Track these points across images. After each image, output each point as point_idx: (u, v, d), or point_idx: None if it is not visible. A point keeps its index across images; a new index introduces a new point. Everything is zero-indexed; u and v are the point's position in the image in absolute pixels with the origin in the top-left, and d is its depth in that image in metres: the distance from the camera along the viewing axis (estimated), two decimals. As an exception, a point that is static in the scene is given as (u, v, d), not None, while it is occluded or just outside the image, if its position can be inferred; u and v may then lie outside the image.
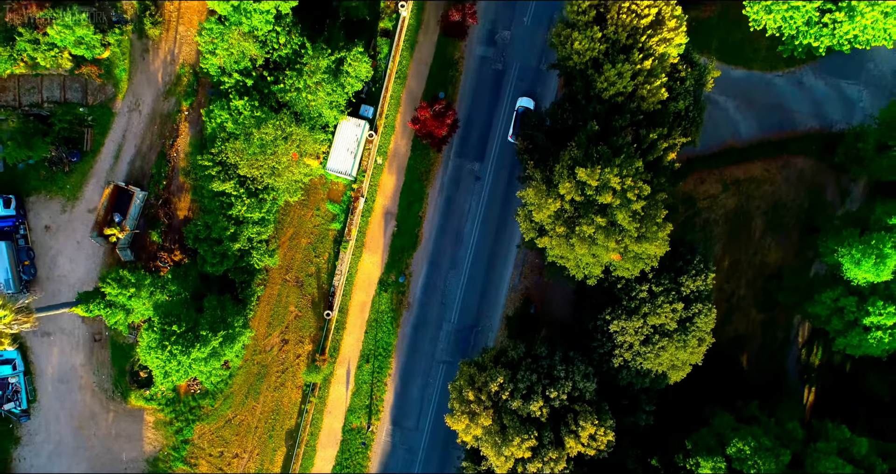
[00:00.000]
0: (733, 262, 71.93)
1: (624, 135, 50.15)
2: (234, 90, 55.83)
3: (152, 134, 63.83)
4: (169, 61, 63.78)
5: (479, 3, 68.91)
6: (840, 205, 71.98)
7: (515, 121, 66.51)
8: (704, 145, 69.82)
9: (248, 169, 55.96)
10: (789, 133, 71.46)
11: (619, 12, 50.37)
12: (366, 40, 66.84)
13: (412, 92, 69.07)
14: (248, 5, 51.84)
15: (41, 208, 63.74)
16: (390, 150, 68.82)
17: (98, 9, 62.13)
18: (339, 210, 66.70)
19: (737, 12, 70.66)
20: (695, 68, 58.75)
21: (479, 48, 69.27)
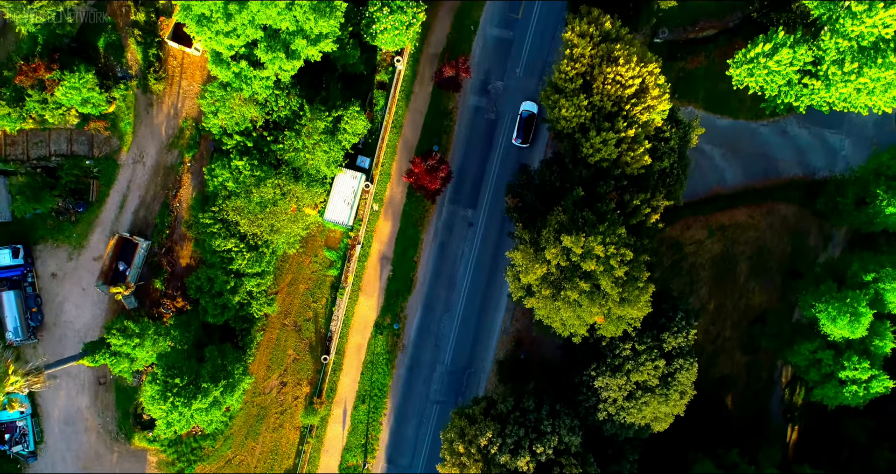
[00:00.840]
0: (718, 305, 74.19)
1: (608, 201, 52.30)
2: (235, 150, 57.98)
3: (156, 185, 66.02)
4: (172, 115, 65.97)
5: (472, 56, 71.18)
6: (823, 250, 74.30)
7: (519, 126, 68.78)
8: (691, 192, 72.14)
9: (249, 226, 58.18)
10: (773, 180, 73.74)
11: (604, 82, 52.53)
12: (363, 92, 69.25)
13: (408, 141, 71.27)
14: (249, 72, 53.99)
15: (48, 256, 65.92)
16: (386, 197, 71.02)
17: (104, 65, 64.38)
18: (336, 256, 68.92)
19: (722, 64, 72.36)
20: (679, 127, 60.95)
21: (472, 98, 71.46)
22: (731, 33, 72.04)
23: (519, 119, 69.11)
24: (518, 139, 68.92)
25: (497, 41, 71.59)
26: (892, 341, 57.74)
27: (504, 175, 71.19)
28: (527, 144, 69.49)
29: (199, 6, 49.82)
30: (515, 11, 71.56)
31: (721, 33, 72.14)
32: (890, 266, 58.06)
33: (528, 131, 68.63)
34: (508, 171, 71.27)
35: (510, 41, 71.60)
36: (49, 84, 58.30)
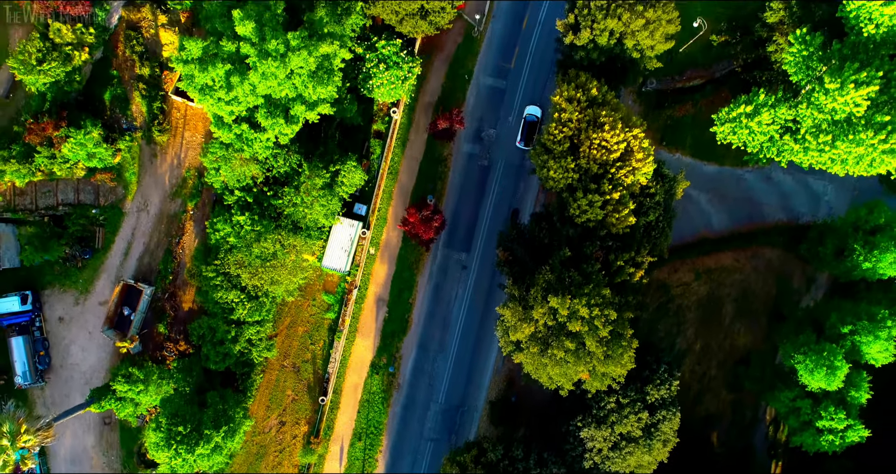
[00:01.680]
0: (705, 345, 76.40)
1: (594, 262, 54.54)
2: (237, 205, 60.26)
3: (159, 232, 68.30)
4: (175, 165, 68.25)
5: (466, 105, 73.46)
6: (806, 292, 76.50)
7: (523, 129, 71.00)
8: (679, 236, 74.45)
9: (250, 279, 60.49)
10: (758, 225, 75.94)
11: (590, 147, 54.76)
12: (359, 141, 71.54)
13: (403, 186, 73.54)
14: (250, 134, 56.26)
15: (55, 301, 68.22)
16: (382, 241, 73.31)
17: (110, 117, 66.68)
18: (333, 300, 71.22)
19: (709, 113, 74.42)
20: (665, 181, 63.17)
21: (466, 145, 73.72)
22: (717, 83, 74.22)
23: (523, 123, 71.26)
24: (521, 142, 71.26)
25: (490, 90, 73.86)
26: (868, 392, 59.96)
27: (497, 220, 73.54)
28: (530, 147, 71.42)
29: (201, 77, 52.08)
30: (508, 61, 73.83)
31: (708, 83, 74.29)
32: (867, 317, 60.21)
33: (531, 135, 70.85)
34: (501, 216, 73.61)
35: (503, 90, 73.88)
36: (57, 140, 60.56)
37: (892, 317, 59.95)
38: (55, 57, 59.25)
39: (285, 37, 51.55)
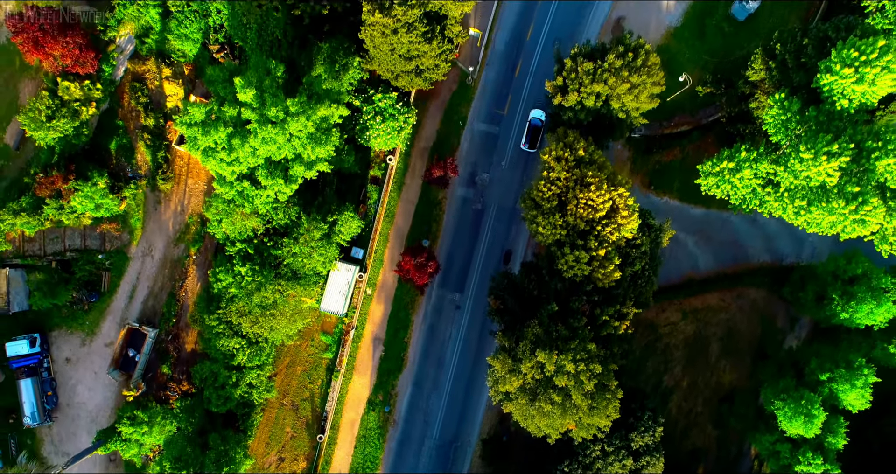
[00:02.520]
0: (691, 383, 78.75)
1: (580, 317, 56.88)
2: (238, 256, 62.63)
3: (163, 276, 70.68)
4: (179, 211, 70.61)
5: (460, 150, 75.80)
6: (790, 332, 78.81)
7: (528, 133, 73.30)
8: (666, 277, 76.89)
9: (251, 327, 62.88)
10: (744, 266, 78.28)
11: (577, 206, 57.06)
12: (357, 187, 73.88)
13: (399, 229, 75.89)
14: (251, 191, 58.61)
15: (63, 342, 70.63)
16: (379, 282, 75.67)
17: (116, 166, 69.07)
18: (331, 341, 73.60)
19: (696, 158, 77.52)
20: (651, 231, 65.47)
21: (460, 189, 76.05)
22: (704, 129, 76.51)
23: (528, 126, 73.56)
24: (526, 144, 73.63)
25: (484, 136, 76.19)
26: (845, 438, 62.24)
27: (490, 261, 75.90)
28: (534, 150, 73.92)
29: (204, 140, 54.43)
30: (501, 108, 76.15)
31: (695, 129, 76.55)
32: (844, 365, 62.49)
33: (535, 138, 73.34)
34: (494, 258, 75.98)
35: (496, 135, 76.21)
36: (65, 193, 62.89)
37: (868, 365, 62.23)
38: (64, 113, 61.60)
39: (285, 103, 53.88)
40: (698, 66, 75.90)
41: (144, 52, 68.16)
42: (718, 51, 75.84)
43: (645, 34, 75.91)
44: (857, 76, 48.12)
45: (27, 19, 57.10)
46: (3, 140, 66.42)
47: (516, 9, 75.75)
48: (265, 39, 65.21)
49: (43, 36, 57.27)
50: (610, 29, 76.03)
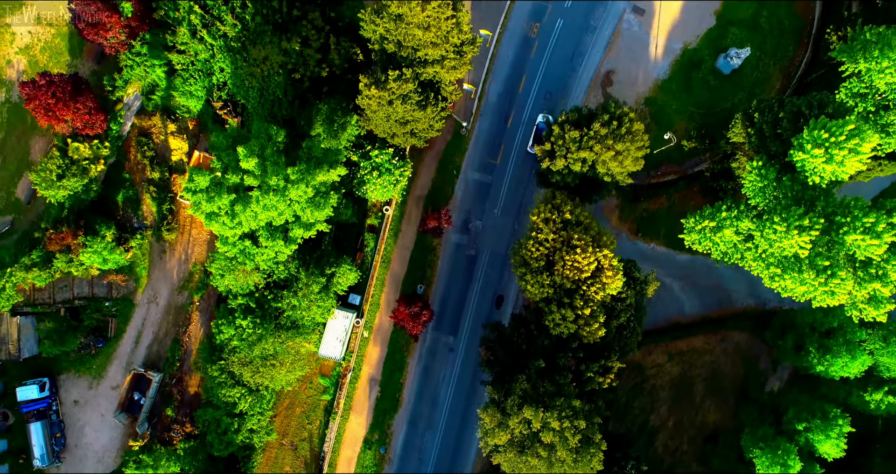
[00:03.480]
0: (677, 422, 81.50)
1: (566, 374, 59.65)
2: (240, 309, 65.37)
3: (167, 322, 73.45)
4: (183, 260, 73.38)
5: (454, 198, 78.51)
6: (772, 373, 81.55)
7: (535, 136, 75.72)
8: (653, 321, 79.77)
9: (252, 376, 65.65)
10: (728, 310, 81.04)
11: (563, 267, 59.78)
12: (354, 235, 76.63)
13: (395, 274, 78.66)
14: (253, 250, 61.33)
15: (71, 385, 73.41)
16: (375, 325, 78.43)
17: (122, 217, 71.82)
18: (329, 383, 76.35)
19: (682, 206, 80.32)
20: (636, 284, 68.17)
21: (454, 236, 78.79)
22: (690, 179, 79.22)
23: (535, 129, 75.96)
24: (533, 147, 75.72)
25: (477, 184, 78.92)
26: (819, 485, 65.14)
27: (483, 305, 78.67)
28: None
29: (208, 206, 57.16)
30: (494, 157, 78.89)
31: (681, 179, 79.30)
32: (820, 415, 65.22)
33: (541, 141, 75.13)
34: (487, 302, 78.74)
35: (489, 184, 78.93)
36: (75, 247, 65.61)
37: (843, 415, 64.96)
38: (74, 172, 64.32)
39: (285, 172, 56.59)
40: (685, 118, 78.66)
41: (150, 108, 70.86)
42: (704, 103, 78.58)
43: (633, 86, 78.86)
44: (826, 156, 50.82)
45: (39, 87, 59.75)
46: (15, 194, 69.15)
47: (509, 61, 78.46)
48: (266, 98, 67.95)
49: (55, 103, 59.96)
50: (600, 82, 78.79)
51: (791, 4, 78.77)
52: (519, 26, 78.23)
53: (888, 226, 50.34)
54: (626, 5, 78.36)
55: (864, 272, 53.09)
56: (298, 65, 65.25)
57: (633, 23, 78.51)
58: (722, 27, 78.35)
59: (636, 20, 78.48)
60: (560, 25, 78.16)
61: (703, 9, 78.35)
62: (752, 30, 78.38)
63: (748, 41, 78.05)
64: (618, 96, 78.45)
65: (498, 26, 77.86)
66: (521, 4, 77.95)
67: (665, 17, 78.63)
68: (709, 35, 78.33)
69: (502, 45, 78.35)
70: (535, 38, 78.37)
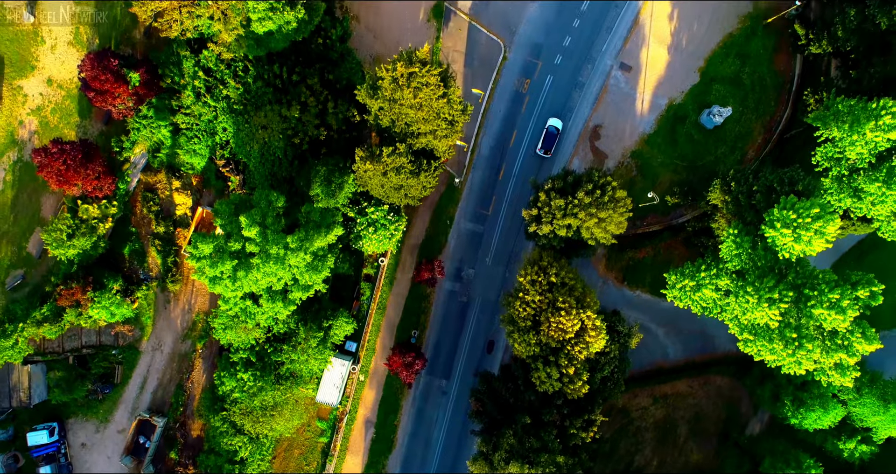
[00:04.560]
0: (661, 462, 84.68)
1: (551, 430, 62.78)
2: (241, 363, 68.51)
3: (171, 369, 76.61)
4: (186, 309, 76.51)
5: (447, 247, 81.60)
6: (753, 416, 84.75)
7: (545, 139, 78.97)
8: (638, 365, 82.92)
9: (252, 426, 68.82)
10: (710, 355, 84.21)
11: (549, 328, 62.90)
12: (351, 285, 79.72)
13: (390, 320, 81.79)
14: (254, 309, 64.43)
15: (79, 428, 76.56)
16: (371, 369, 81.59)
17: (129, 268, 74.92)
18: (326, 426, 79.52)
19: (667, 255, 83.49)
20: (620, 337, 71.25)
21: (447, 283, 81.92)
22: (674, 230, 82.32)
23: (545, 133, 79.23)
24: (542, 150, 79.05)
25: (470, 234, 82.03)
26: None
27: (475, 350, 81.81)
28: (549, 155, 79.56)
29: (211, 272, 60.28)
30: (486, 208, 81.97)
31: (666, 229, 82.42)
32: (794, 464, 68.39)
33: (550, 144, 78.81)
34: (479, 347, 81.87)
35: (481, 234, 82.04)
36: (84, 302, 68.72)
37: (817, 465, 68.15)
38: (83, 231, 67.41)
39: (285, 240, 59.66)
40: (670, 170, 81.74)
41: (156, 165, 73.94)
42: (689, 156, 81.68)
43: (620, 140, 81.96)
44: (795, 236, 53.89)
45: (52, 155, 62.82)
46: (26, 249, 72.24)
47: (501, 116, 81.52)
48: (267, 158, 71.10)
49: (66, 170, 63.03)
50: (588, 136, 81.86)
51: (772, 62, 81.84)
52: (510, 82, 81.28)
53: (852, 302, 53.43)
54: (613, 62, 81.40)
55: (830, 341, 56.16)
56: (298, 130, 68.35)
57: (621, 79, 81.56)
58: (706, 83, 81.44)
59: (623, 76, 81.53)
60: (550, 82, 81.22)
61: (687, 66, 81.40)
62: (734, 86, 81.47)
63: (731, 97, 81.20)
64: (605, 150, 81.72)
65: (490, 83, 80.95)
66: (513, 61, 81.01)
67: (651, 74, 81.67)
68: (693, 91, 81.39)
69: (494, 99, 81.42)
70: (526, 93, 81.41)
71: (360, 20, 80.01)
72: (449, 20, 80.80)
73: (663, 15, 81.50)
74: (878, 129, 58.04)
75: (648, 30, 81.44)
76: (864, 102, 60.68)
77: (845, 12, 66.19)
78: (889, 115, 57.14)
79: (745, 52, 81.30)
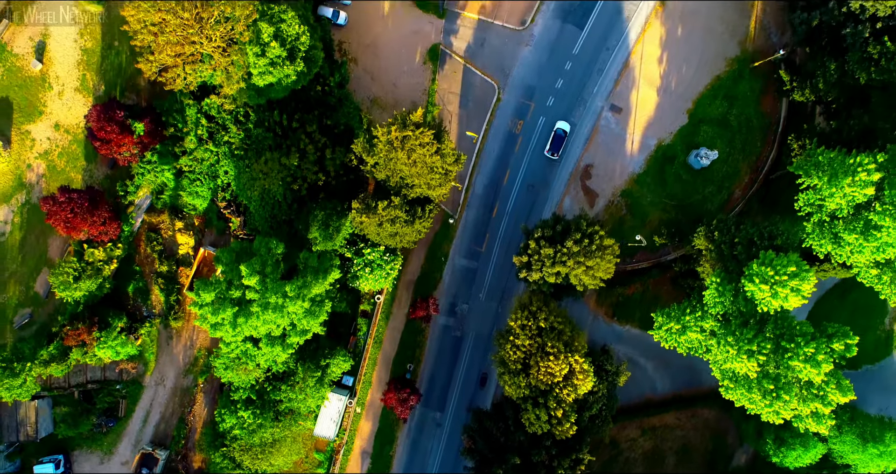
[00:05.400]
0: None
1: (539, 471, 65.12)
2: (242, 401, 70.89)
3: (174, 403, 79.02)
4: (188, 346, 78.93)
5: (442, 282, 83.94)
6: (738, 447, 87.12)
7: (553, 141, 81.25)
8: (627, 398, 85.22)
9: (252, 462, 71.21)
10: (697, 389, 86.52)
11: (538, 372, 65.24)
12: (348, 321, 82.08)
13: (386, 353, 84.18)
14: (253, 351, 66.79)
15: (84, 460, 78.96)
16: (367, 401, 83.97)
17: (133, 306, 77.32)
18: (323, 458, 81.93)
19: (656, 291, 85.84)
20: (608, 376, 73.56)
21: (442, 318, 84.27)
22: (662, 267, 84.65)
23: (553, 135, 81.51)
24: (550, 152, 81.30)
25: (464, 270, 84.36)
26: None
27: (469, 383, 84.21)
28: (556, 157, 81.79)
29: (213, 318, 62.65)
30: (480, 245, 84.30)
31: (655, 266, 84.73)
32: (776, 501, 70.77)
33: (558, 146, 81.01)
34: (472, 380, 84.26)
35: (475, 270, 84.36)
36: (89, 341, 71.10)
37: (797, 503, 70.52)
38: (89, 274, 69.78)
39: (284, 289, 62.00)
40: (659, 209, 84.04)
41: (159, 206, 76.30)
42: (677, 195, 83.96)
43: (611, 179, 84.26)
44: (772, 292, 56.18)
45: (59, 204, 65.20)
46: (34, 288, 74.65)
47: (494, 155, 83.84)
48: (267, 201, 73.45)
49: (73, 217, 65.41)
50: (579, 175, 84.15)
51: (759, 104, 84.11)
52: (504, 123, 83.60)
53: (827, 356, 55.72)
54: (604, 104, 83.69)
55: (807, 391, 58.46)
56: (297, 176, 70.69)
57: (611, 120, 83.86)
58: (694, 125, 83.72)
59: (614, 118, 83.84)
60: (542, 122, 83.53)
61: (676, 107, 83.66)
62: (722, 127, 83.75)
63: (718, 138, 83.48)
64: (596, 189, 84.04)
65: (484, 124, 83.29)
66: (506, 103, 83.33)
67: (641, 115, 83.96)
68: (682, 132, 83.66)
69: (488, 139, 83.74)
70: (519, 134, 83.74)
71: (359, 62, 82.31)
72: (444, 62, 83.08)
73: (653, 58, 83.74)
74: (855, 185, 60.24)
75: (638, 72, 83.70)
76: (843, 157, 62.83)
77: (826, 66, 68.42)
78: (865, 171, 59.33)
79: (733, 94, 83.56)
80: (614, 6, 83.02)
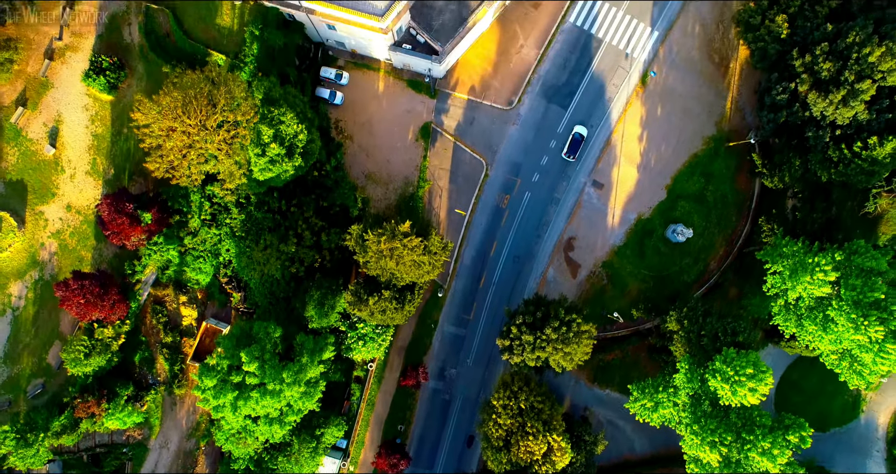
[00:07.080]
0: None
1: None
2: (241, 470, 75.50)
3: (177, 465, 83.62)
4: (191, 411, 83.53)
5: (431, 348, 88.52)
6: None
7: (571, 144, 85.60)
8: (606, 458, 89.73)
9: (250, 524, 75.98)
10: (674, 449, 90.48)
11: (518, 451, 69.88)
12: (342, 386, 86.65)
13: (379, 415, 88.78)
14: (252, 427, 71.41)
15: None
16: (360, 460, 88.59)
17: (138, 374, 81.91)
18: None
19: (635, 357, 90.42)
20: (586, 445, 78.20)
21: (432, 382, 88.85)
22: (641, 335, 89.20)
23: (571, 138, 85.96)
24: (568, 154, 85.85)
25: (453, 337, 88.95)
26: None
27: (456, 443, 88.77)
28: (573, 159, 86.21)
29: (214, 401, 67.27)
30: (468, 313, 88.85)
31: (634, 334, 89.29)
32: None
33: (575, 149, 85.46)
34: (460, 441, 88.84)
35: (463, 337, 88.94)
36: (98, 412, 75.73)
37: None
38: (99, 350, 74.36)
39: (281, 375, 66.59)
40: (638, 280, 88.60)
41: (164, 280, 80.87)
42: (655, 266, 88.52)
43: (592, 251, 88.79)
44: (731, 390, 60.76)
45: (72, 290, 69.74)
46: (46, 360, 79.23)
47: (482, 228, 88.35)
48: (266, 280, 78.11)
49: (85, 303, 69.98)
50: (562, 247, 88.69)
51: (734, 180, 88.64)
52: (491, 198, 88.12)
53: (783, 449, 60.30)
54: (586, 180, 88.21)
55: None
56: (294, 259, 75.27)
57: (593, 195, 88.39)
58: (672, 200, 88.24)
59: (595, 193, 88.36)
60: (528, 197, 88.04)
61: (655, 184, 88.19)
62: (698, 203, 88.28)
63: (695, 213, 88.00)
64: (578, 260, 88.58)
65: (472, 198, 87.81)
66: (494, 178, 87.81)
67: (621, 191, 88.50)
68: (660, 207, 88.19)
69: (476, 213, 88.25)
70: (506, 208, 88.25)
71: (354, 139, 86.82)
72: (436, 140, 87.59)
73: (633, 136, 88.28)
74: (814, 283, 64.85)
75: (619, 150, 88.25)
76: (803, 254, 67.47)
77: (791, 161, 72.95)
78: (822, 272, 63.92)
79: (709, 171, 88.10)
80: (597, 88, 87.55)
